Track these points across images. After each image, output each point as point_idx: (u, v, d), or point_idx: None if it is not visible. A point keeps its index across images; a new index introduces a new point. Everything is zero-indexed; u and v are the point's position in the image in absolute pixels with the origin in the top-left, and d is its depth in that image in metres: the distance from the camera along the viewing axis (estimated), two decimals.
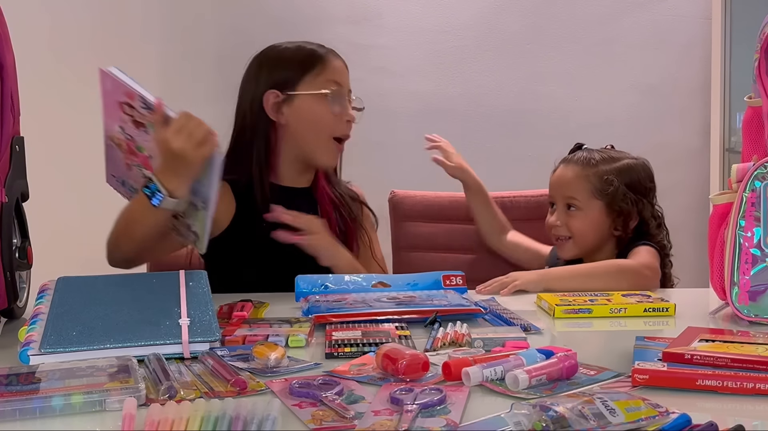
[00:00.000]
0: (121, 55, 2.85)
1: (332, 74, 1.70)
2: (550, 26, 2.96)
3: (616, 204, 1.76)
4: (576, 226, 1.78)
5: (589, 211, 1.77)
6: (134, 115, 1.40)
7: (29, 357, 1.03)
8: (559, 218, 1.79)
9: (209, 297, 1.20)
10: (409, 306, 1.30)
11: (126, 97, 1.39)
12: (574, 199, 1.78)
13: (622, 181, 1.77)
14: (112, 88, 1.39)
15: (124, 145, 1.44)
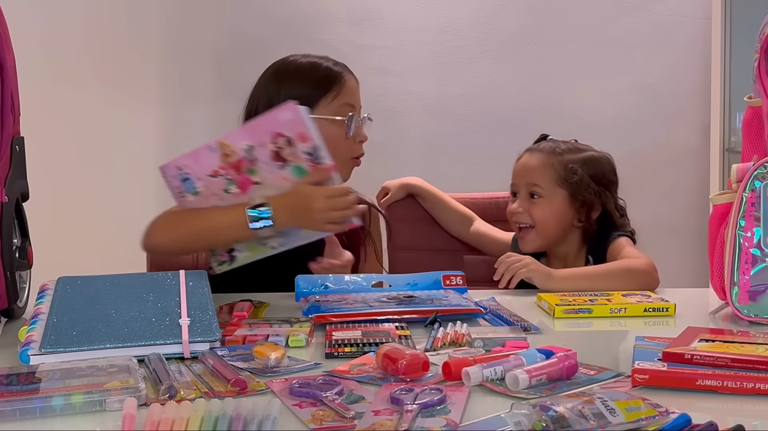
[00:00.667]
0: (122, 55, 2.85)
1: (347, 97, 1.71)
2: (550, 26, 2.96)
3: (580, 193, 1.75)
4: (538, 214, 1.76)
5: (551, 199, 1.75)
6: (284, 150, 1.44)
7: (29, 357, 1.03)
8: (521, 205, 1.78)
9: (209, 297, 1.20)
10: (409, 306, 1.30)
11: (294, 134, 1.43)
12: (537, 186, 1.76)
13: (586, 171, 1.76)
14: (287, 121, 1.43)
15: (233, 158, 1.46)
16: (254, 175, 1.46)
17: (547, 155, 1.78)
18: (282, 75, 1.74)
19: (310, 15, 2.89)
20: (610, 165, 1.82)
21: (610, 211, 1.78)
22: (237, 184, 1.47)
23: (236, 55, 2.89)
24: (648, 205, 3.00)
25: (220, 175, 1.47)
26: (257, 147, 1.45)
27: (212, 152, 1.46)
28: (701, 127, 2.99)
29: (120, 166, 2.87)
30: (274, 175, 1.46)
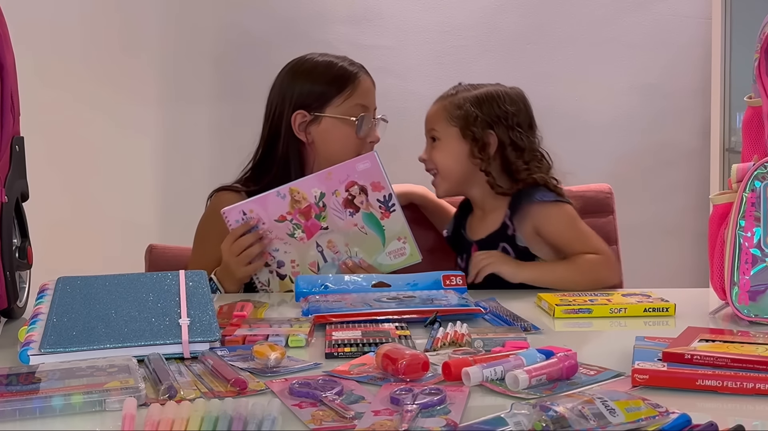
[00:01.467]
0: (122, 55, 2.85)
1: (360, 97, 1.72)
2: (550, 26, 2.96)
3: (468, 128, 1.66)
4: (438, 158, 1.70)
5: (446, 140, 1.69)
6: (356, 198, 1.54)
7: (29, 357, 1.03)
8: (425, 152, 1.73)
9: (209, 297, 1.20)
10: (409, 306, 1.30)
11: (369, 183, 1.54)
12: (434, 130, 1.71)
13: (477, 106, 1.67)
14: (364, 170, 1.54)
15: (303, 204, 1.53)
16: (323, 221, 1.53)
17: (443, 99, 1.73)
18: (296, 73, 1.75)
19: (310, 15, 2.89)
20: (510, 97, 1.71)
21: (506, 145, 1.67)
22: (303, 229, 1.54)
23: (236, 55, 2.89)
24: (648, 205, 3.00)
25: (286, 220, 1.54)
26: (329, 194, 1.53)
27: (281, 198, 1.54)
28: (701, 127, 2.99)
29: (120, 165, 2.87)
30: (344, 222, 1.54)
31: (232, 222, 1.54)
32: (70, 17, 2.81)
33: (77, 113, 2.83)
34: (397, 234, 1.57)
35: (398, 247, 1.57)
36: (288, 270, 1.56)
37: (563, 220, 1.65)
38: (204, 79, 2.90)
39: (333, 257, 1.56)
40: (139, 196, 2.84)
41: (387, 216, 1.55)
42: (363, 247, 1.57)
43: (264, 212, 1.54)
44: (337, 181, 1.54)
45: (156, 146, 2.91)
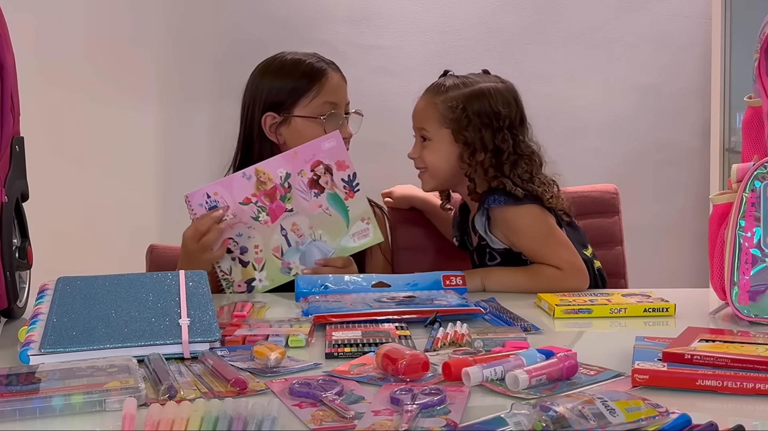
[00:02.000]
0: (121, 55, 2.85)
1: (328, 95, 1.70)
2: (550, 26, 2.96)
3: (461, 133, 1.61)
4: (428, 159, 1.65)
5: (438, 142, 1.64)
6: (321, 178, 1.54)
7: (29, 357, 1.03)
8: (414, 151, 1.68)
9: (209, 297, 1.20)
10: (409, 306, 1.30)
11: (334, 162, 1.54)
12: (424, 129, 1.66)
13: (469, 107, 1.61)
14: (330, 149, 1.53)
15: (268, 185, 1.53)
16: (288, 203, 1.53)
17: (432, 95, 1.67)
18: (266, 72, 1.75)
19: (310, 15, 2.89)
20: (504, 97, 1.64)
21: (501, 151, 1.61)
22: (268, 212, 1.53)
23: (236, 55, 2.88)
24: (648, 205, 3.00)
25: (251, 203, 1.53)
26: (294, 175, 1.52)
27: (246, 179, 1.53)
28: (701, 127, 2.99)
29: (120, 165, 2.87)
30: (309, 203, 1.53)
31: (195, 206, 1.53)
32: (70, 17, 2.81)
33: (77, 113, 2.83)
34: (361, 214, 1.56)
35: (362, 228, 1.56)
36: (251, 256, 1.55)
37: (521, 226, 1.60)
38: (204, 79, 2.90)
39: (297, 241, 1.55)
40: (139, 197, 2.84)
41: (351, 197, 1.55)
42: (327, 229, 1.56)
43: (229, 194, 1.53)
44: (302, 160, 1.53)
45: (156, 146, 2.91)
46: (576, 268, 1.57)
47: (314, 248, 1.56)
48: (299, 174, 1.53)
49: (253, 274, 1.55)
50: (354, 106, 1.77)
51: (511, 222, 1.61)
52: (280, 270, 1.56)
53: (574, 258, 1.58)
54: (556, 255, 1.57)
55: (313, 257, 1.56)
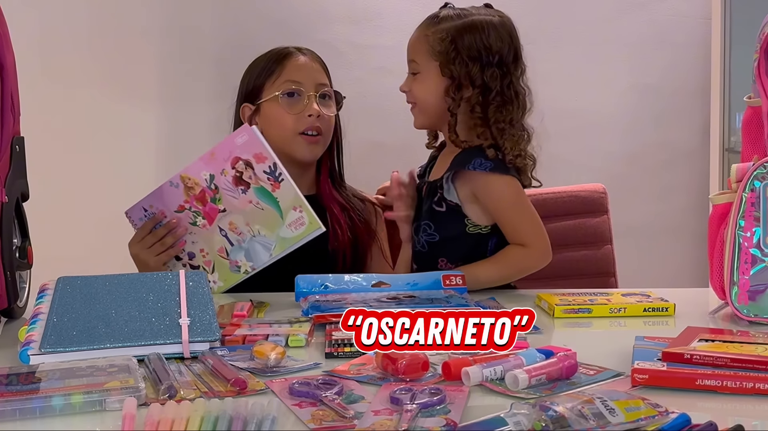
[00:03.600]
0: (121, 55, 2.85)
1: (290, 74, 1.73)
2: (550, 26, 2.96)
3: (447, 66, 1.56)
4: (417, 92, 1.60)
5: (427, 74, 1.59)
6: (244, 174, 1.52)
7: (29, 357, 1.03)
8: (405, 84, 1.63)
9: (209, 297, 1.20)
10: (408, 306, 1.30)
11: (252, 156, 1.51)
12: (414, 62, 1.61)
13: (459, 39, 1.56)
14: (244, 143, 1.51)
15: (196, 190, 1.53)
16: (219, 204, 1.53)
17: (426, 26, 1.62)
18: (245, 71, 1.81)
19: (310, 15, 2.88)
20: (498, 32, 1.58)
21: (489, 89, 1.57)
22: (203, 215, 1.54)
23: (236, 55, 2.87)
24: (648, 205, 3.00)
25: (185, 209, 1.55)
26: (218, 175, 1.52)
27: (175, 188, 1.54)
28: (701, 127, 2.99)
29: (120, 165, 2.87)
30: (239, 200, 1.52)
31: (136, 221, 1.59)
32: (69, 17, 2.81)
33: (77, 113, 2.83)
34: (292, 203, 1.52)
35: (296, 217, 1.52)
36: (199, 260, 1.57)
37: (504, 197, 1.57)
38: (204, 79, 2.90)
39: (237, 239, 1.55)
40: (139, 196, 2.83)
41: (277, 187, 1.52)
42: (263, 224, 1.54)
43: (162, 204, 1.56)
44: (221, 159, 1.52)
45: (157, 146, 2.90)
46: (542, 246, 1.56)
47: (256, 244, 1.55)
48: (222, 173, 1.52)
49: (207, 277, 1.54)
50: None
51: (492, 189, 1.56)
52: (230, 269, 1.56)
53: (542, 235, 1.57)
54: (524, 229, 1.56)
55: (257, 253, 1.55)
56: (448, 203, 1.60)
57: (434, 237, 1.60)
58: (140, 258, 1.57)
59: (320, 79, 1.76)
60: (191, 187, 1.54)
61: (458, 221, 1.59)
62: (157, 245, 1.55)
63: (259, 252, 1.55)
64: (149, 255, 1.56)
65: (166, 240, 1.55)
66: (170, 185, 1.55)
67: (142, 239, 1.57)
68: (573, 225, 1.80)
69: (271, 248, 1.54)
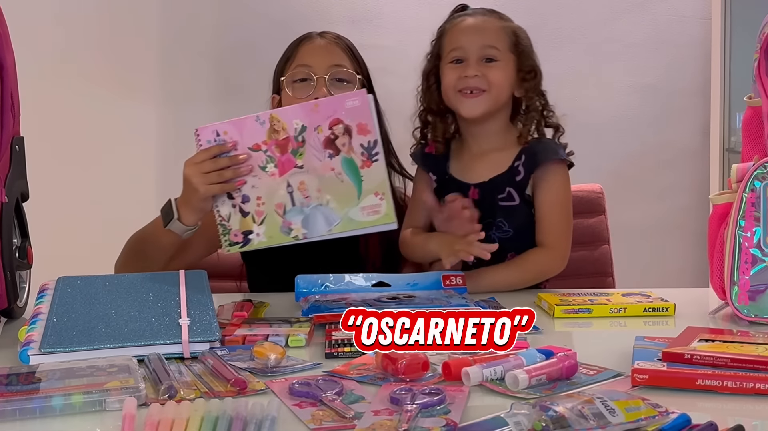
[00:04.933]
0: (121, 55, 2.85)
1: (300, 58, 1.68)
2: (550, 26, 2.96)
3: (526, 62, 1.64)
4: (496, 77, 1.60)
5: (506, 64, 1.62)
6: (339, 139, 1.38)
7: (29, 357, 1.03)
8: (478, 69, 1.60)
9: (209, 297, 1.20)
10: (409, 306, 1.30)
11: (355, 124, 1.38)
12: (494, 48, 1.61)
13: (526, 38, 1.67)
14: (352, 108, 1.38)
15: (281, 134, 1.39)
16: (299, 158, 1.39)
17: (498, 19, 1.67)
18: None
19: (310, 15, 2.88)
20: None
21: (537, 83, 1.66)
22: (276, 163, 1.40)
23: (236, 55, 2.88)
24: (648, 205, 3.00)
25: (260, 150, 1.40)
26: (311, 129, 1.38)
27: (259, 124, 1.40)
28: (701, 127, 2.99)
29: (120, 165, 2.87)
30: (322, 164, 1.39)
31: (203, 142, 1.43)
32: (70, 17, 2.81)
33: (77, 113, 2.83)
34: (376, 187, 1.38)
35: (374, 203, 1.39)
36: (252, 207, 1.42)
37: (561, 191, 1.61)
38: (204, 79, 2.90)
39: (302, 201, 1.40)
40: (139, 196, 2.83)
41: (368, 165, 1.39)
42: (336, 196, 1.39)
43: (239, 136, 1.41)
44: (323, 115, 1.39)
45: (157, 146, 2.91)
46: (565, 252, 1.58)
47: (319, 213, 1.40)
48: (316, 129, 1.38)
49: (251, 227, 1.41)
50: None
51: (556, 180, 1.60)
52: (280, 228, 1.41)
53: (569, 241, 1.60)
54: (559, 230, 1.59)
55: (316, 222, 1.41)
56: (524, 196, 1.61)
57: (508, 233, 1.60)
58: (191, 181, 1.40)
59: (334, 61, 1.68)
60: (277, 130, 1.39)
61: (528, 214, 1.61)
62: (213, 174, 1.39)
63: (318, 223, 1.40)
64: (201, 182, 1.39)
65: (225, 173, 1.38)
66: (256, 119, 1.40)
67: (200, 162, 1.40)
68: None
69: (334, 224, 1.40)
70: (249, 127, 1.40)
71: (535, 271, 1.57)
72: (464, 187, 1.64)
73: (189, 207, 1.43)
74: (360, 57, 1.74)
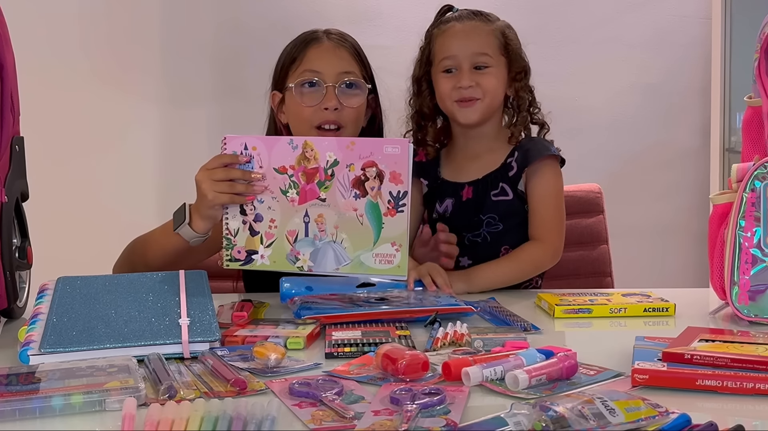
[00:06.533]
0: (121, 55, 2.85)
1: (309, 63, 1.64)
2: (550, 26, 2.96)
3: (516, 62, 1.65)
4: (490, 84, 1.61)
5: (498, 69, 1.63)
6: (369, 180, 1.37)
7: (29, 357, 1.03)
8: (471, 78, 1.60)
9: (209, 297, 1.20)
10: (401, 306, 1.30)
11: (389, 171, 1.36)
12: (485, 55, 1.61)
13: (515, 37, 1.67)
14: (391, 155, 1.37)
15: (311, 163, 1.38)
16: (323, 191, 1.38)
17: (484, 23, 1.65)
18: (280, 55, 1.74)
19: (310, 15, 2.89)
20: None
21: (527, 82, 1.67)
22: (299, 191, 1.38)
23: (236, 55, 2.88)
24: (648, 205, 3.00)
25: (285, 173, 1.38)
26: (343, 165, 1.37)
27: (292, 148, 1.38)
28: (701, 127, 2.99)
29: (120, 165, 2.87)
30: (346, 201, 1.37)
31: (229, 151, 1.40)
32: (70, 18, 2.81)
33: (77, 113, 2.83)
34: (394, 238, 1.37)
35: (389, 252, 1.38)
36: (264, 227, 1.40)
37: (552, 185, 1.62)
38: (205, 79, 2.90)
39: (316, 234, 1.39)
40: (139, 196, 2.84)
41: (392, 214, 1.38)
42: (352, 237, 1.38)
43: (267, 154, 1.39)
44: (357, 154, 1.37)
45: (157, 146, 2.91)
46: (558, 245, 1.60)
47: (330, 250, 1.39)
48: (348, 167, 1.37)
49: (257, 247, 1.40)
50: None
51: (548, 176, 1.62)
52: (287, 256, 1.40)
53: (562, 234, 1.61)
54: (553, 224, 1.60)
55: (325, 258, 1.39)
56: (516, 191, 1.62)
57: (498, 227, 1.62)
58: (201, 187, 1.39)
59: (343, 67, 1.65)
60: (308, 158, 1.37)
61: (520, 208, 1.62)
62: (224, 183, 1.37)
63: (328, 259, 1.38)
64: (210, 188, 1.37)
65: (237, 185, 1.36)
66: (289, 143, 1.38)
67: (212, 168, 1.38)
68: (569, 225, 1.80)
69: (343, 263, 1.38)
70: (279, 148, 1.38)
71: (529, 264, 1.58)
72: (458, 187, 1.66)
73: (199, 213, 1.42)
74: (365, 57, 1.73)
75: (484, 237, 1.63)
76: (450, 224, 1.64)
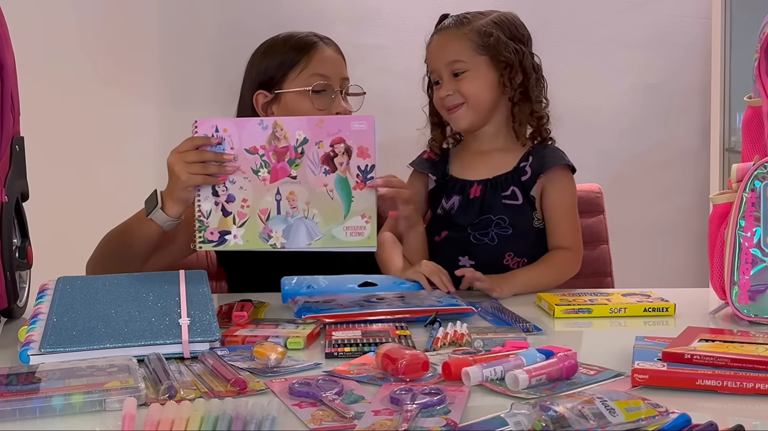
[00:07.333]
0: (121, 55, 2.85)
1: (317, 67, 1.67)
2: (550, 26, 2.96)
3: (501, 54, 1.63)
4: (468, 89, 1.63)
5: (476, 70, 1.63)
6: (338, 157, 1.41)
7: (29, 357, 1.03)
8: (449, 87, 1.64)
9: (209, 297, 1.20)
10: (401, 306, 1.30)
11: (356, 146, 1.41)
12: (458, 61, 1.64)
13: (500, 31, 1.65)
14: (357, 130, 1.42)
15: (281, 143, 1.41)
16: (294, 169, 1.41)
17: (457, 28, 1.66)
18: (257, 53, 1.75)
19: (310, 15, 2.88)
20: (518, 20, 1.73)
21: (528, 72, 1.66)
22: (270, 170, 1.41)
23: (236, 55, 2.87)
24: (648, 205, 3.00)
25: (256, 154, 1.41)
26: (312, 143, 1.41)
27: (262, 129, 1.41)
28: (701, 127, 2.99)
29: (120, 166, 2.87)
30: (316, 178, 1.41)
31: (200, 133, 1.43)
32: (70, 18, 2.81)
33: (77, 113, 2.83)
34: (363, 210, 1.41)
35: (359, 225, 1.42)
36: (236, 208, 1.42)
37: (569, 195, 1.65)
38: (204, 79, 2.90)
39: (288, 211, 1.42)
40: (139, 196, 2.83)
41: (361, 188, 1.42)
42: (323, 211, 1.41)
43: (238, 135, 1.41)
44: (326, 132, 1.41)
45: (157, 146, 2.90)
46: (581, 251, 1.63)
47: (302, 225, 1.42)
48: (317, 144, 1.41)
49: (230, 227, 1.42)
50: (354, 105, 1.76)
51: (564, 185, 1.64)
52: (260, 234, 1.42)
53: (581, 240, 1.64)
54: (573, 232, 1.63)
55: (298, 234, 1.41)
56: (528, 197, 1.63)
57: (507, 231, 1.63)
58: (174, 169, 1.42)
59: (344, 73, 1.72)
60: (278, 137, 1.41)
61: (529, 214, 1.63)
62: (197, 165, 1.39)
63: (300, 235, 1.41)
64: (183, 170, 1.40)
65: (210, 167, 1.39)
66: (259, 123, 1.41)
67: (184, 151, 1.41)
68: None
69: (315, 238, 1.41)
70: (250, 129, 1.41)
71: (564, 272, 1.60)
72: (466, 184, 1.67)
73: (172, 196, 1.43)
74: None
75: (492, 237, 1.62)
76: (455, 221, 1.65)
